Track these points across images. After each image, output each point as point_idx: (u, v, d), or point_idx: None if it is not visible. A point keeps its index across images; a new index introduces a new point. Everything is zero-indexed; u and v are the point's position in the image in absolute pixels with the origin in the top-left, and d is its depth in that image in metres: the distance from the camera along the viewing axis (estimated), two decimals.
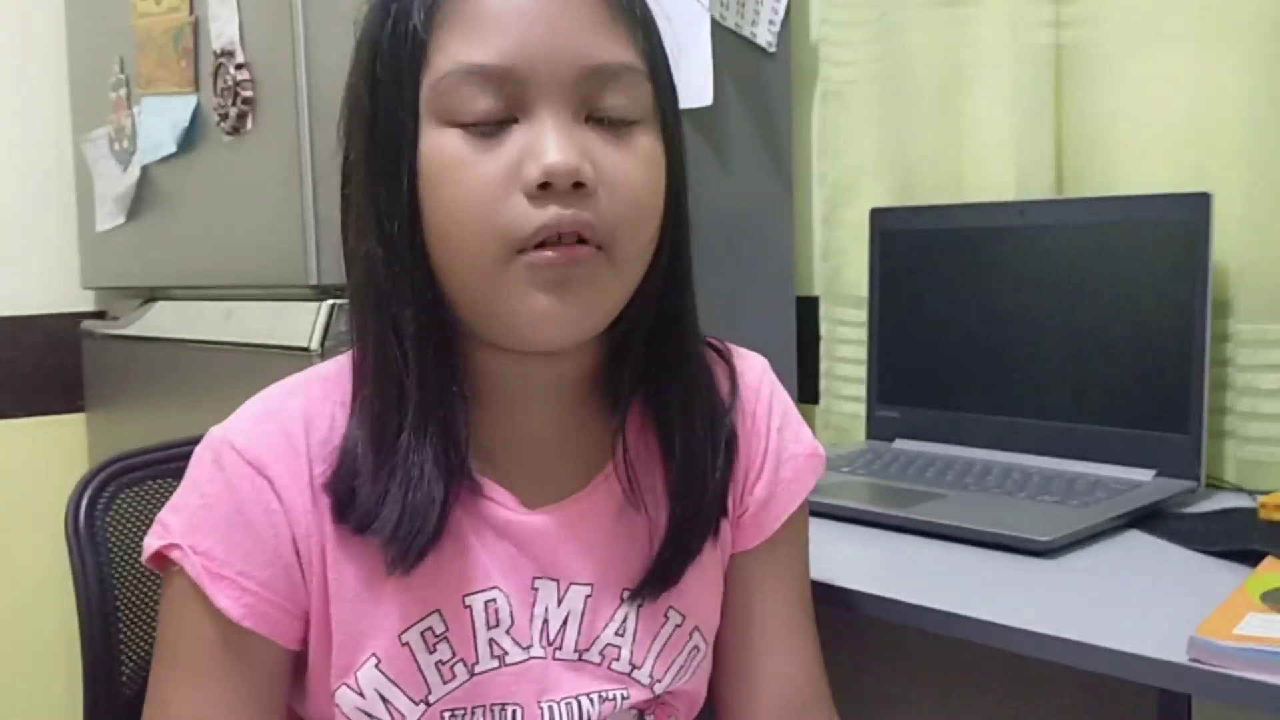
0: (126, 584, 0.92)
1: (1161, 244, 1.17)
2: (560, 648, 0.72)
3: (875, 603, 0.89)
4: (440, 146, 0.64)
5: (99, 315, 1.81)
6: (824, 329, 1.56)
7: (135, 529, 0.94)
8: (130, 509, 0.94)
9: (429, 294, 0.66)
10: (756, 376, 0.81)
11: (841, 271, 1.53)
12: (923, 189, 1.43)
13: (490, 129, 0.63)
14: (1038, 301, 1.26)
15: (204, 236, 1.42)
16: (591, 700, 0.72)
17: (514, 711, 0.71)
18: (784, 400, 0.82)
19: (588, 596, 0.73)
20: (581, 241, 0.64)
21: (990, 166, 1.37)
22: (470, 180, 0.63)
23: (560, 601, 0.72)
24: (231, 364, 1.33)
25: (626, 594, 0.74)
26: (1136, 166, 1.26)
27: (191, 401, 1.44)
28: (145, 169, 1.52)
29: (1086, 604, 0.85)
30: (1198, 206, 1.13)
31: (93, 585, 0.90)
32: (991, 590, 0.89)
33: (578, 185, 0.63)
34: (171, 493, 0.72)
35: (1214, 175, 1.18)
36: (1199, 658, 0.72)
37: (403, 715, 0.69)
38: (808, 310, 1.57)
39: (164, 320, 1.54)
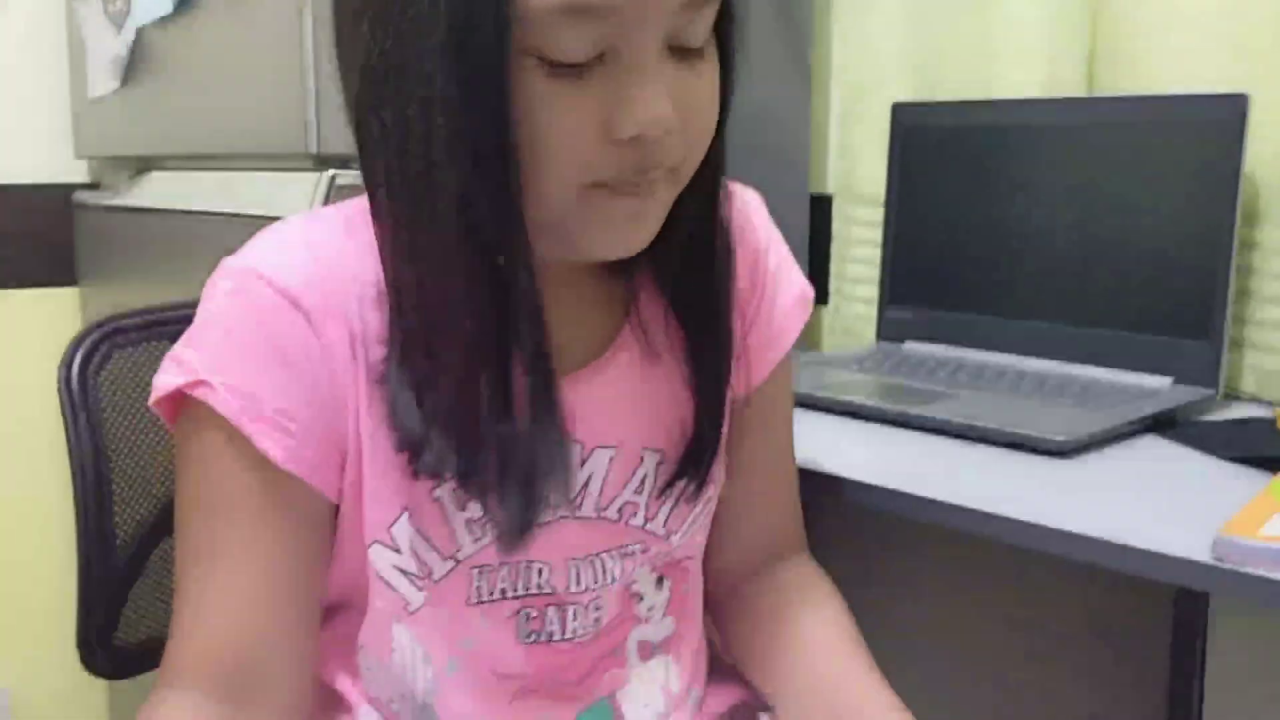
0: (120, 445, 0.90)
1: (1193, 146, 1.13)
2: (580, 508, 0.72)
3: (887, 496, 0.87)
4: (527, 80, 0.58)
5: (92, 187, 1.77)
6: (836, 228, 1.52)
7: (129, 391, 0.91)
8: (123, 372, 0.92)
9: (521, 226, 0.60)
10: (756, 213, 0.80)
11: (857, 169, 1.48)
12: (947, 87, 1.37)
13: (577, 68, 0.58)
14: (1061, 203, 1.22)
15: (201, 103, 1.37)
16: (613, 556, 0.73)
17: (540, 569, 0.71)
18: (779, 240, 0.82)
19: (611, 458, 0.72)
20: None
21: (1019, 64, 1.31)
22: (559, 120, 0.58)
23: (584, 463, 0.71)
24: (228, 235, 1.26)
25: (647, 452, 0.73)
26: (1171, 66, 1.21)
27: (186, 274, 1.39)
28: (140, 31, 1.46)
29: (1105, 504, 0.84)
30: (1233, 108, 1.09)
31: (85, 444, 0.88)
32: (1007, 488, 0.87)
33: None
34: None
35: (1250, 77, 1.14)
36: (1224, 556, 0.70)
37: (430, 570, 0.68)
38: (820, 209, 1.53)
39: (159, 190, 1.50)
